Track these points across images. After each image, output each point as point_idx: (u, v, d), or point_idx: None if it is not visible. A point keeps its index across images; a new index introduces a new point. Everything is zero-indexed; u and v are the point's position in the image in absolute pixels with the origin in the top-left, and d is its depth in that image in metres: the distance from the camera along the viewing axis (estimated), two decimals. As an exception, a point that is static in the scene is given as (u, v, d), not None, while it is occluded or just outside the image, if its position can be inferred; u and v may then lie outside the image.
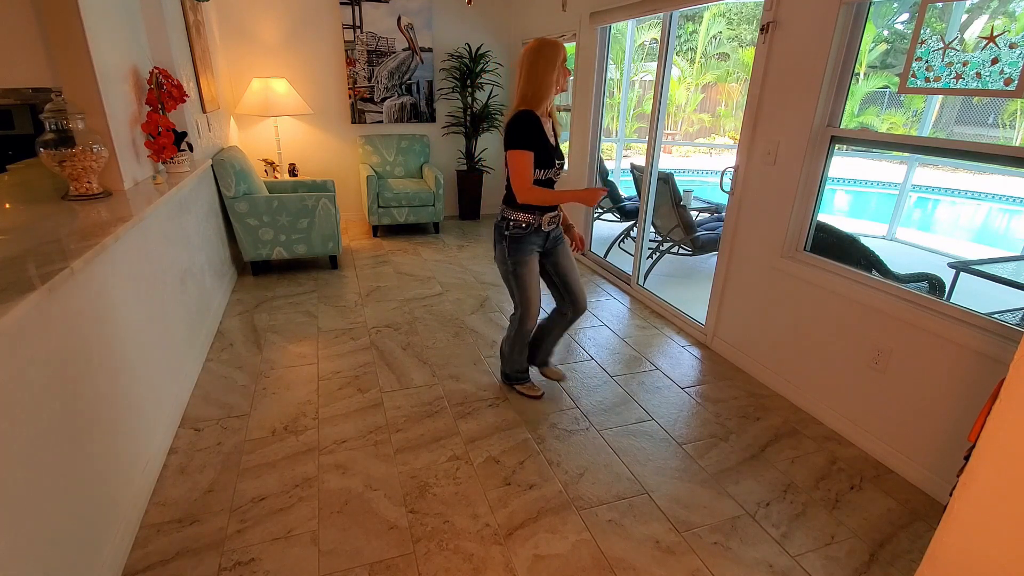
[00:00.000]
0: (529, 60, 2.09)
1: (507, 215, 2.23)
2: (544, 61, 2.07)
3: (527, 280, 2.30)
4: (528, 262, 2.28)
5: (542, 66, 2.07)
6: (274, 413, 2.42)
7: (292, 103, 4.82)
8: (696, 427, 2.41)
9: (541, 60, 2.07)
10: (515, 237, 2.23)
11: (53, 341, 1.40)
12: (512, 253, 2.26)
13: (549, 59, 2.07)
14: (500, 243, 2.29)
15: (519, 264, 2.27)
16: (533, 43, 2.11)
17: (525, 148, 2.08)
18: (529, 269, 2.28)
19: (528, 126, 2.07)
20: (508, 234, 2.23)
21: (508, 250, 2.26)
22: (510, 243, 2.24)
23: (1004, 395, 1.17)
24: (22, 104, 4.29)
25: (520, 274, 2.29)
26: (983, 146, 1.89)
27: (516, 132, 2.08)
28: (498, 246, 2.31)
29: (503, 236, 2.25)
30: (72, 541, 1.40)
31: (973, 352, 1.87)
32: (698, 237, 4.07)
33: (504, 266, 2.31)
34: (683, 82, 12.47)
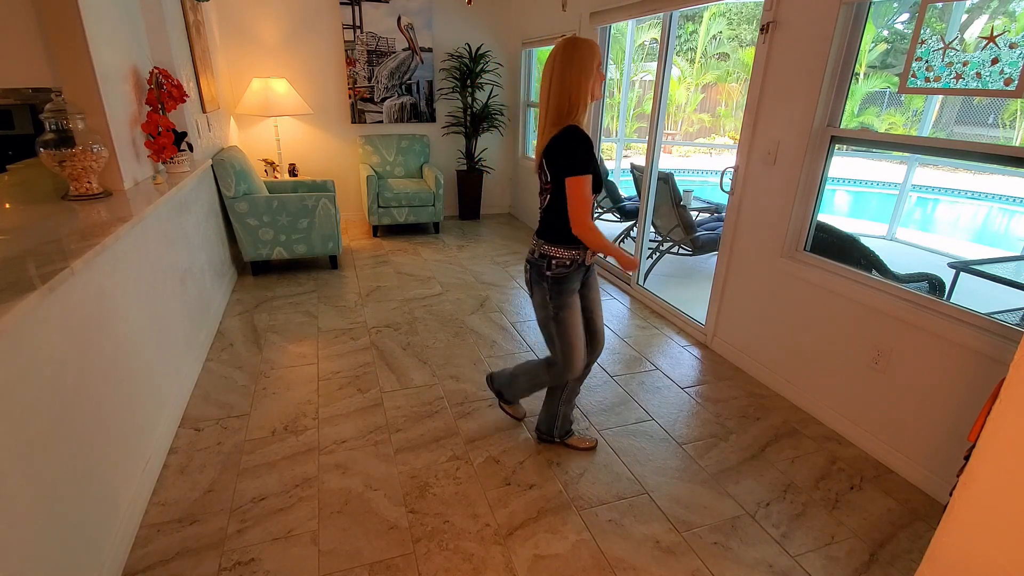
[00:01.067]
0: (559, 66, 1.73)
1: (547, 251, 1.87)
2: (576, 67, 1.72)
3: (571, 326, 1.94)
4: (572, 304, 1.93)
5: (575, 73, 1.72)
6: (274, 413, 2.42)
7: (292, 103, 4.82)
8: (696, 427, 2.41)
9: (574, 66, 1.72)
10: (558, 278, 1.88)
11: (53, 341, 1.40)
12: (554, 296, 1.90)
13: (583, 64, 1.72)
14: (539, 284, 1.92)
15: (562, 308, 1.91)
16: (561, 45, 1.75)
17: (586, 172, 1.72)
18: (573, 312, 1.93)
19: (585, 145, 1.72)
20: (551, 275, 1.88)
21: (550, 292, 1.90)
22: (552, 285, 1.89)
23: (1004, 395, 1.17)
24: (22, 104, 4.29)
25: (563, 319, 1.92)
26: (983, 146, 1.89)
27: (577, 152, 1.71)
28: (537, 288, 1.94)
29: (543, 276, 1.90)
30: (72, 541, 1.40)
31: (973, 352, 1.87)
32: (698, 237, 4.07)
33: (544, 311, 1.95)
34: (683, 82, 12.47)
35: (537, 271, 1.92)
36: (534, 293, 1.97)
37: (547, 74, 1.78)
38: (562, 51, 1.74)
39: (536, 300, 1.98)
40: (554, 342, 1.99)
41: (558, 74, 1.74)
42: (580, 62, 1.72)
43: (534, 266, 1.93)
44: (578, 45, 1.73)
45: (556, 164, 1.75)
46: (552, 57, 1.76)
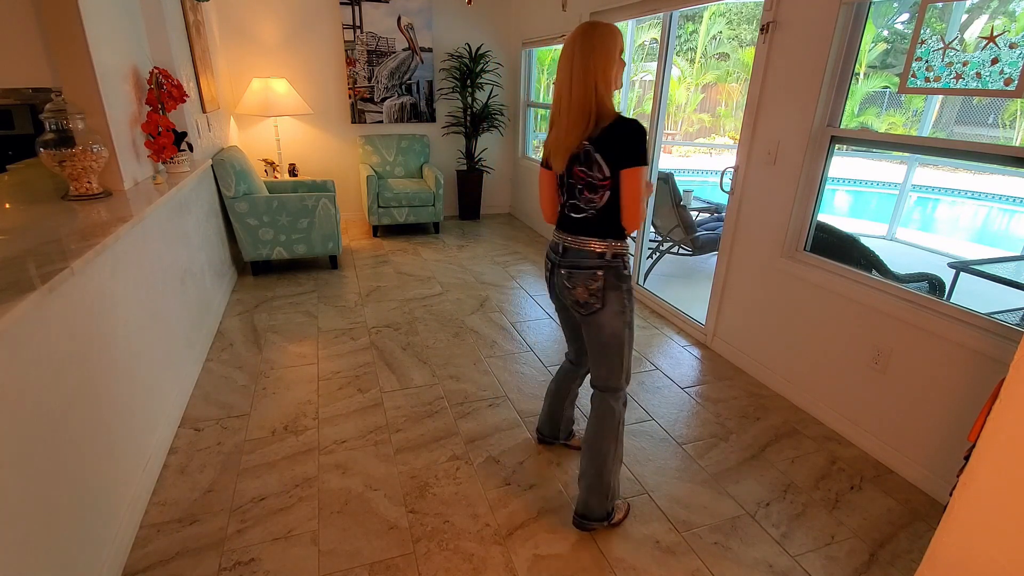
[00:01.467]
0: (581, 53, 1.53)
1: (620, 251, 1.65)
2: (601, 52, 1.53)
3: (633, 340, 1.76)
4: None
5: (598, 60, 1.53)
6: (274, 413, 2.42)
7: (292, 103, 4.83)
8: (696, 427, 2.41)
9: (596, 52, 1.53)
10: (628, 278, 1.69)
11: (53, 341, 1.40)
12: (630, 298, 1.69)
13: (608, 50, 1.54)
14: (618, 289, 1.66)
15: (634, 311, 1.72)
16: (582, 30, 1.56)
17: (646, 163, 1.57)
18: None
19: (643, 135, 1.55)
20: (628, 273, 1.68)
21: (628, 295, 1.68)
22: (631, 287, 1.70)
23: (1004, 395, 1.17)
24: (22, 104, 4.29)
25: (633, 325, 1.73)
26: (983, 146, 1.89)
27: (638, 143, 1.54)
28: (613, 294, 1.65)
29: (623, 278, 1.66)
30: (72, 541, 1.40)
31: (973, 352, 1.87)
32: (698, 237, 4.07)
33: (621, 320, 1.68)
34: (683, 82, 12.47)
35: (615, 274, 1.65)
36: (608, 302, 1.66)
37: (566, 65, 1.56)
38: (581, 38, 1.54)
39: (612, 308, 1.66)
40: (622, 355, 1.73)
41: (580, 64, 1.54)
42: (603, 48, 1.53)
43: (611, 270, 1.64)
44: (598, 30, 1.55)
45: (619, 155, 1.56)
46: (570, 46, 1.56)
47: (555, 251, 1.76)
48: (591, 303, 1.67)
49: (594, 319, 1.69)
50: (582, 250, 1.67)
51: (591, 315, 1.69)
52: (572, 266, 1.68)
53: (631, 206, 1.59)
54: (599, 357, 1.75)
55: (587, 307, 1.68)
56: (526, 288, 3.99)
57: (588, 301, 1.67)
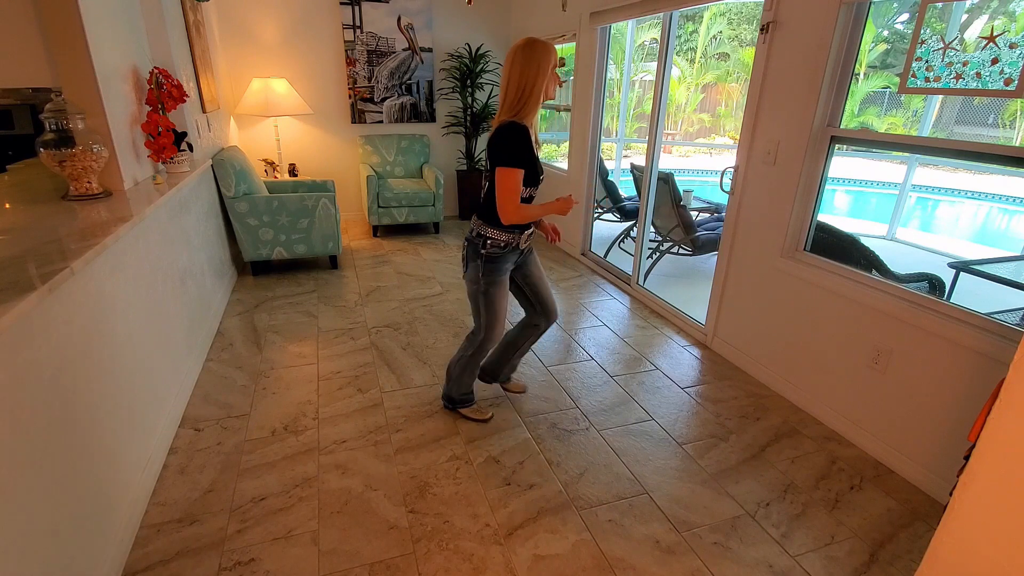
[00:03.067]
0: (519, 63, 1.86)
1: (484, 232, 2.02)
2: (534, 65, 1.85)
3: (498, 302, 2.12)
4: (502, 283, 2.11)
5: (532, 71, 1.85)
6: (274, 413, 2.42)
7: (292, 103, 4.83)
8: (696, 427, 2.41)
9: (532, 64, 1.85)
10: (492, 257, 2.04)
11: (53, 341, 1.40)
12: (487, 273, 2.06)
13: (540, 63, 1.85)
14: (474, 261, 2.07)
15: (492, 284, 2.08)
16: (522, 43, 1.88)
17: (517, 165, 1.86)
18: (502, 290, 2.11)
19: (520, 140, 1.85)
20: (485, 253, 2.04)
21: (483, 270, 2.06)
22: (486, 263, 2.05)
23: (1004, 395, 1.17)
24: (22, 104, 4.29)
25: (492, 295, 2.10)
26: (983, 146, 1.89)
27: (507, 147, 1.86)
28: (471, 264, 2.09)
29: (478, 254, 2.05)
30: (72, 541, 1.40)
31: (973, 352, 1.87)
32: (698, 237, 4.07)
33: (475, 285, 2.10)
34: (683, 82, 12.47)
35: (473, 248, 2.07)
36: (468, 268, 2.12)
37: (505, 71, 1.91)
38: (521, 50, 1.87)
39: (469, 275, 2.12)
40: (480, 314, 2.16)
41: (517, 71, 1.87)
42: (536, 62, 1.85)
43: (471, 243, 2.08)
44: (535, 46, 1.87)
45: (491, 153, 1.91)
46: (511, 55, 1.89)
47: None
48: (462, 266, 2.17)
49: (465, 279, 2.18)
50: (471, 224, 2.10)
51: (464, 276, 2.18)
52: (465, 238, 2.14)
53: (498, 201, 1.91)
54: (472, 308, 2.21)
55: (462, 267, 2.17)
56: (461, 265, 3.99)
57: (462, 263, 2.17)
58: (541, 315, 2.32)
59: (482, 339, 2.21)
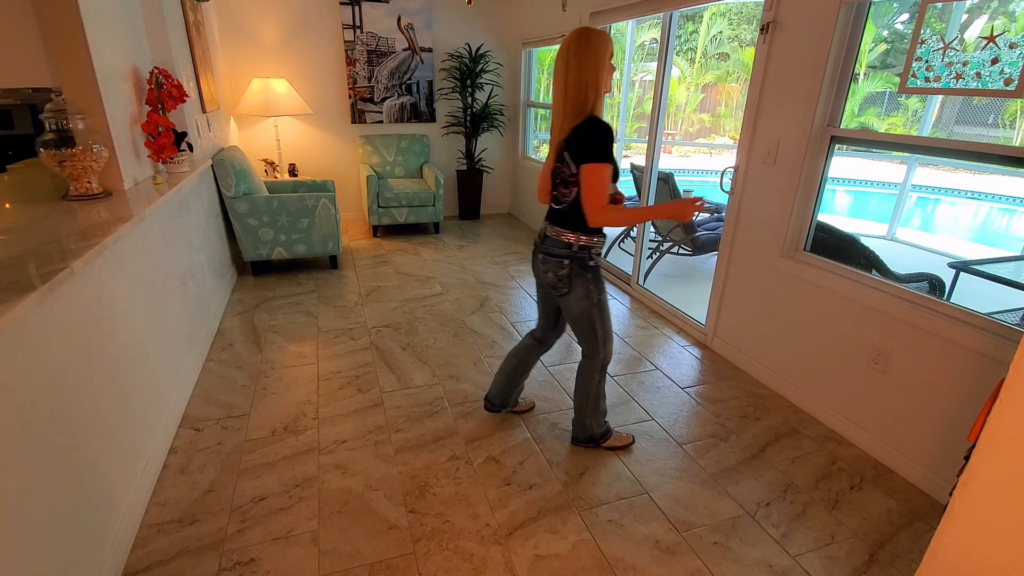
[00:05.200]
0: (576, 57, 1.69)
1: (586, 242, 1.85)
2: (593, 58, 1.69)
3: (609, 311, 1.98)
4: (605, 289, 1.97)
5: (591, 65, 1.69)
6: (274, 413, 2.42)
7: (292, 103, 4.83)
8: (696, 427, 2.41)
9: (590, 58, 1.69)
10: (598, 265, 1.90)
11: (53, 341, 1.40)
12: (597, 284, 1.91)
13: (599, 55, 1.69)
14: (583, 276, 1.87)
15: (603, 292, 1.93)
16: (575, 35, 1.71)
17: (607, 161, 1.70)
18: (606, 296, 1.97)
19: (607, 135, 1.70)
20: (594, 264, 1.88)
21: (594, 282, 1.89)
22: (595, 273, 1.89)
23: (1004, 395, 1.17)
24: (22, 104, 4.29)
25: (605, 305, 1.95)
26: (983, 146, 1.89)
27: (598, 141, 1.69)
28: (579, 280, 1.87)
29: (587, 267, 1.86)
30: (72, 541, 1.40)
31: (973, 352, 1.87)
32: (698, 237, 4.07)
33: (587, 302, 1.90)
34: (683, 82, 12.47)
35: (580, 263, 1.87)
36: (574, 287, 1.89)
37: (560, 68, 1.73)
38: (576, 42, 1.69)
39: (577, 293, 1.90)
40: (595, 330, 1.98)
41: (574, 67, 1.70)
42: (595, 53, 1.69)
43: (575, 259, 1.86)
44: (591, 36, 1.69)
45: (577, 152, 1.73)
46: (565, 49, 1.71)
47: (539, 236, 1.99)
48: (560, 287, 1.93)
49: (564, 300, 1.96)
50: (556, 240, 1.89)
51: (561, 297, 1.96)
52: (546, 252, 1.93)
53: (586, 200, 1.74)
54: (575, 330, 2.03)
55: (557, 290, 1.95)
56: (526, 288, 3.99)
57: (556, 285, 1.93)
58: (553, 332, 2.21)
59: (602, 359, 2.04)
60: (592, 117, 1.73)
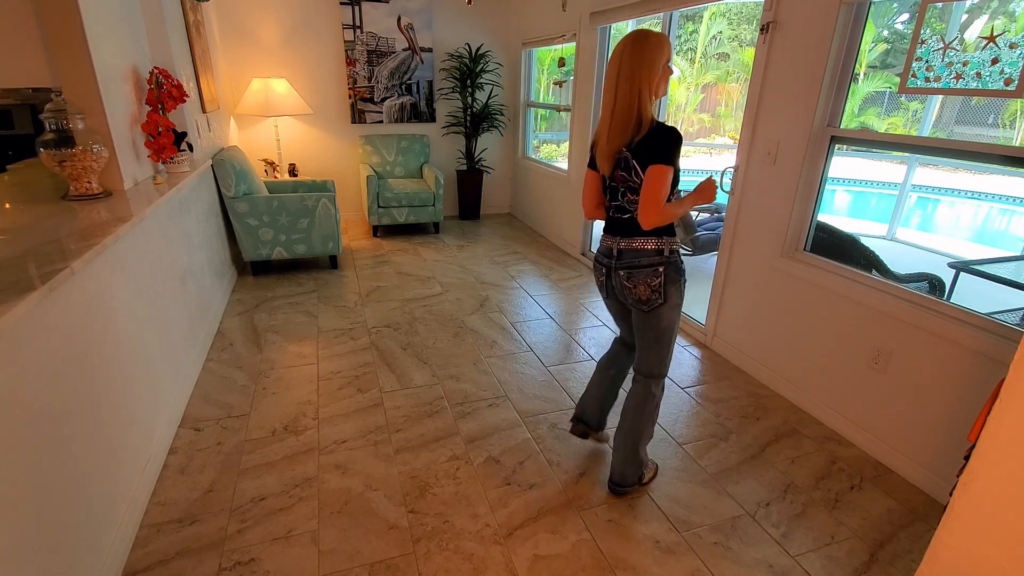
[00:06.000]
0: (629, 61, 1.62)
1: (672, 245, 1.74)
2: (647, 63, 1.61)
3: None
4: None
5: (646, 69, 1.61)
6: (274, 413, 2.42)
7: (292, 103, 4.83)
8: (696, 427, 2.41)
9: (645, 62, 1.61)
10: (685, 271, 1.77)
11: (53, 341, 1.40)
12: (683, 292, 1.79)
13: (655, 60, 1.62)
14: (677, 283, 1.75)
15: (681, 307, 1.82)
16: (630, 39, 1.63)
17: (671, 164, 1.63)
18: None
19: (678, 141, 1.64)
20: (684, 267, 1.77)
21: (682, 290, 1.77)
22: (685, 280, 1.78)
23: (1004, 395, 1.17)
24: (22, 104, 4.29)
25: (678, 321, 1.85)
26: (983, 146, 1.89)
27: (668, 145, 1.62)
28: (674, 288, 1.74)
29: (680, 271, 1.75)
30: (72, 541, 1.40)
31: (973, 352, 1.87)
32: (698, 237, 4.07)
33: (674, 314, 1.79)
34: (683, 82, 12.46)
35: (675, 269, 1.74)
36: (669, 296, 1.74)
37: (613, 71, 1.66)
38: (631, 46, 1.62)
39: (672, 302, 1.76)
40: (671, 344, 1.86)
41: (627, 70, 1.62)
42: (649, 59, 1.62)
43: (671, 265, 1.73)
44: (647, 39, 1.62)
45: (646, 154, 1.65)
46: (619, 52, 1.65)
47: (608, 255, 1.82)
48: (653, 299, 1.75)
49: (655, 313, 1.78)
50: (639, 250, 1.74)
51: (653, 310, 1.77)
52: (630, 266, 1.76)
53: (646, 199, 1.64)
54: (651, 347, 1.85)
55: (649, 303, 1.76)
56: (526, 288, 3.99)
57: (651, 298, 1.75)
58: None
59: (664, 377, 1.93)
60: (660, 124, 1.66)
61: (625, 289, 1.80)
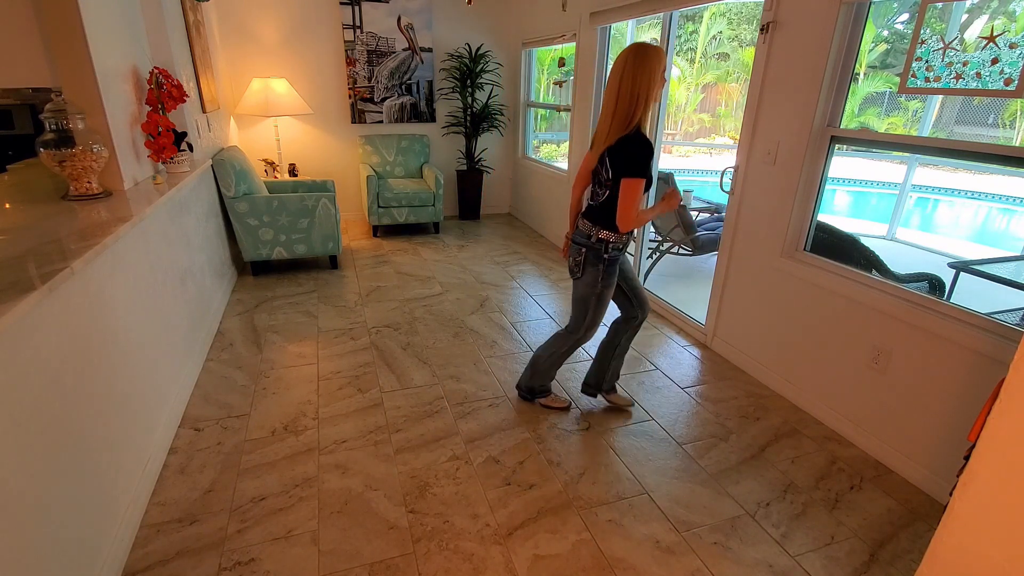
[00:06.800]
0: (631, 71, 1.87)
1: (604, 236, 2.06)
2: (647, 73, 1.86)
3: (608, 302, 2.21)
4: (614, 284, 2.18)
5: (645, 79, 1.86)
6: (274, 413, 2.42)
7: (292, 103, 4.83)
8: (696, 427, 2.41)
9: (644, 72, 1.86)
10: (612, 260, 2.12)
11: (53, 341, 1.40)
12: (606, 276, 2.13)
13: (652, 70, 1.87)
14: (595, 266, 2.11)
15: (608, 287, 2.16)
16: (632, 51, 1.88)
17: (643, 176, 1.91)
18: (612, 291, 2.20)
19: (647, 153, 1.90)
20: (607, 256, 2.10)
21: (603, 273, 2.12)
22: (607, 266, 2.12)
23: (1004, 395, 1.17)
24: (22, 104, 4.30)
25: (605, 296, 2.18)
26: (983, 146, 1.89)
27: (638, 157, 1.89)
28: (590, 269, 2.12)
29: (601, 259, 2.10)
30: (72, 541, 1.40)
31: (973, 352, 1.87)
32: (698, 237, 4.07)
33: (592, 289, 2.15)
34: (683, 82, 12.46)
35: (595, 254, 2.10)
36: (585, 273, 2.15)
37: (615, 77, 1.91)
38: (632, 56, 1.87)
39: (586, 279, 2.15)
40: (587, 314, 2.22)
41: (628, 78, 1.87)
42: (649, 68, 1.86)
43: (591, 249, 2.10)
44: (647, 52, 1.87)
45: (617, 164, 1.93)
46: (622, 61, 1.89)
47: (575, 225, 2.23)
48: (574, 271, 2.19)
49: (576, 282, 2.21)
50: (581, 230, 2.14)
51: (575, 280, 2.21)
52: (573, 240, 2.19)
53: (620, 210, 1.97)
54: (574, 306, 2.27)
55: (572, 274, 2.22)
56: (526, 288, 3.99)
57: (572, 268, 2.20)
58: (637, 307, 2.36)
59: (579, 338, 2.30)
60: (636, 132, 1.91)
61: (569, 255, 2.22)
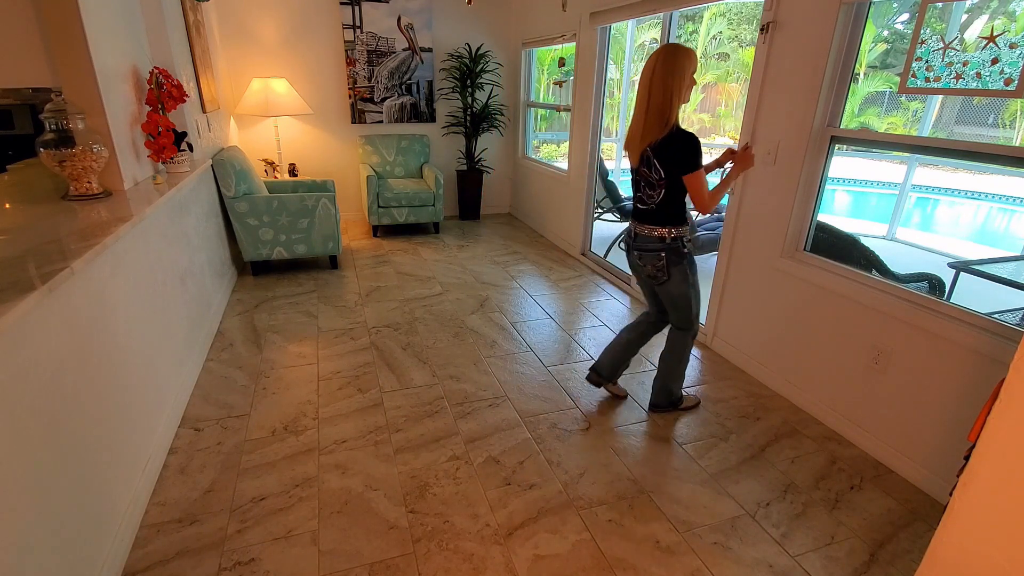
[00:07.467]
0: (661, 72, 1.95)
1: (678, 234, 2.12)
2: (679, 74, 1.95)
3: (699, 289, 2.26)
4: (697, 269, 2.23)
5: (677, 80, 1.95)
6: (274, 413, 2.42)
7: (292, 103, 4.83)
8: (696, 427, 2.41)
9: (676, 73, 1.94)
10: (690, 252, 2.18)
11: (53, 341, 1.40)
12: (692, 267, 2.18)
13: (684, 71, 1.95)
14: (680, 263, 2.15)
15: (696, 275, 2.21)
16: (663, 52, 1.96)
17: (700, 167, 2.02)
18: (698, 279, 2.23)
19: (698, 146, 1.99)
20: (686, 251, 2.15)
21: (690, 266, 2.17)
22: (690, 258, 2.17)
23: (1004, 395, 1.17)
24: (22, 104, 4.30)
25: (697, 285, 2.23)
26: (983, 146, 1.89)
27: (694, 155, 1.99)
28: (676, 268, 2.15)
29: (681, 255, 2.14)
30: (72, 541, 1.40)
31: (973, 352, 1.87)
32: (698, 237, 4.07)
33: (685, 284, 2.18)
34: (683, 82, 12.44)
35: (676, 252, 2.14)
36: (672, 275, 2.16)
37: (647, 77, 1.99)
38: (664, 57, 1.95)
39: (676, 278, 2.17)
40: (691, 308, 2.25)
41: (659, 78, 1.95)
42: (681, 69, 1.94)
43: (671, 250, 2.13)
44: (678, 54, 1.95)
45: (674, 163, 2.00)
46: (653, 62, 1.97)
47: (630, 236, 2.26)
48: (659, 276, 2.20)
49: (664, 287, 2.23)
50: (649, 236, 2.16)
51: (661, 285, 2.22)
52: (641, 249, 2.20)
53: (696, 201, 2.04)
54: (672, 309, 2.31)
55: (657, 279, 2.22)
56: (526, 288, 3.99)
57: (657, 275, 2.20)
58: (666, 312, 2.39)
59: (695, 329, 2.33)
60: (679, 130, 1.98)
61: (637, 267, 2.26)
